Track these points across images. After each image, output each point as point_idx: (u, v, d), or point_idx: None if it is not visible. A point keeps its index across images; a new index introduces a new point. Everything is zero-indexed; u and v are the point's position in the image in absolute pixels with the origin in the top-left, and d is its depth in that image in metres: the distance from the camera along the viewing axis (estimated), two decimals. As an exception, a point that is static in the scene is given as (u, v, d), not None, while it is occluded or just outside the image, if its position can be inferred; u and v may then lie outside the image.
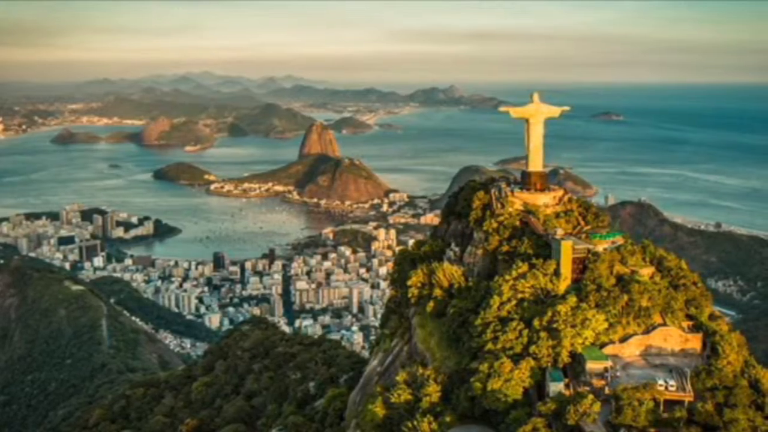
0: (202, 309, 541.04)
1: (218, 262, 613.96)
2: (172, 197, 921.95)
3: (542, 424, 61.37)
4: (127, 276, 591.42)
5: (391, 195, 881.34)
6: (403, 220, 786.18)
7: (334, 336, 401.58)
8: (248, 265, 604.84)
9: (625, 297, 72.04)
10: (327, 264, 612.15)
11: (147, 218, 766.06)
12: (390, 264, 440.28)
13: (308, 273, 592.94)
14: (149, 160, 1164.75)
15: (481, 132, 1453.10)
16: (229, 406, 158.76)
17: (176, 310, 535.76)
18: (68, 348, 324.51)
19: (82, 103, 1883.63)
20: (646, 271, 76.84)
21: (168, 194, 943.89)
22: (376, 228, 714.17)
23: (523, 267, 77.97)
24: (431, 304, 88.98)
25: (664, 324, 72.68)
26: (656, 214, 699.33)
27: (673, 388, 63.65)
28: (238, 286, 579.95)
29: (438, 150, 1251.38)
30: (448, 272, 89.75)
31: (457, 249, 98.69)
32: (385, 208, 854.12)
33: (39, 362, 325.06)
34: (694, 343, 72.01)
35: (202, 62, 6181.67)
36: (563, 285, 75.93)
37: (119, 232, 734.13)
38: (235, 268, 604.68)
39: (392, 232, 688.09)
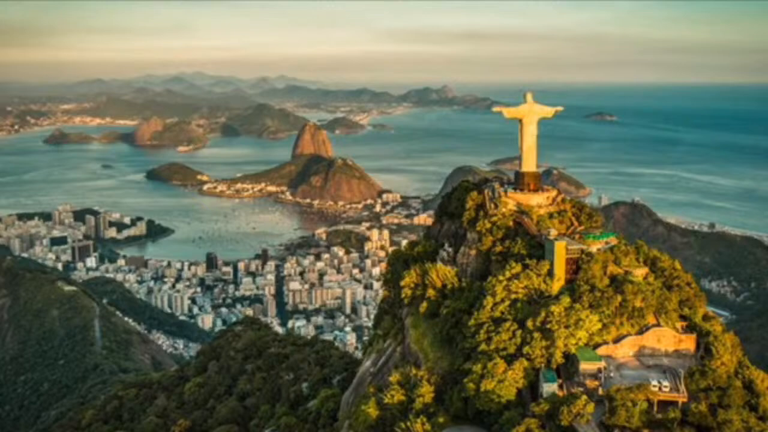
0: (195, 309, 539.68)
1: (211, 262, 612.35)
2: (164, 198, 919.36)
3: (535, 424, 61.27)
4: (119, 276, 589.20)
5: (384, 195, 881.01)
6: (396, 221, 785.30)
7: (327, 336, 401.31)
8: (241, 265, 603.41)
9: (619, 297, 71.97)
10: (320, 264, 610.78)
11: (139, 219, 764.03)
12: (383, 264, 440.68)
13: (301, 273, 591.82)
14: (142, 161, 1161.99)
15: (474, 132, 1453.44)
16: (222, 406, 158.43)
17: (169, 310, 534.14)
18: (61, 348, 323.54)
19: (74, 104, 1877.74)
20: (639, 272, 76.86)
21: (160, 195, 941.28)
22: (369, 228, 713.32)
23: (517, 267, 77.86)
24: (424, 304, 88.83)
25: (658, 325, 72.67)
26: (650, 214, 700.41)
27: (667, 389, 63.60)
28: (231, 287, 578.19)
29: (431, 150, 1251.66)
30: (442, 273, 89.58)
31: (450, 249, 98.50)
32: (378, 208, 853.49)
33: (31, 363, 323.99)
34: (688, 343, 72.03)
35: (194, 62, 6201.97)
36: (557, 285, 75.85)
37: (112, 233, 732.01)
38: (228, 269, 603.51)
39: (385, 232, 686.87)
